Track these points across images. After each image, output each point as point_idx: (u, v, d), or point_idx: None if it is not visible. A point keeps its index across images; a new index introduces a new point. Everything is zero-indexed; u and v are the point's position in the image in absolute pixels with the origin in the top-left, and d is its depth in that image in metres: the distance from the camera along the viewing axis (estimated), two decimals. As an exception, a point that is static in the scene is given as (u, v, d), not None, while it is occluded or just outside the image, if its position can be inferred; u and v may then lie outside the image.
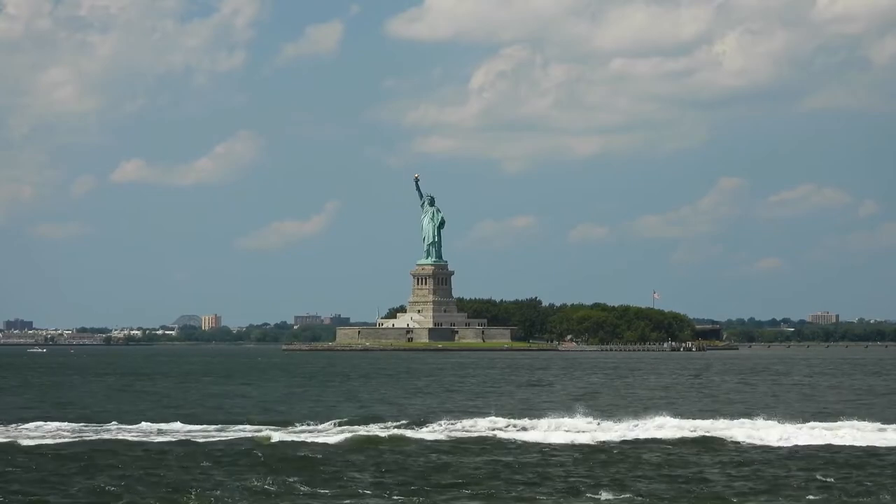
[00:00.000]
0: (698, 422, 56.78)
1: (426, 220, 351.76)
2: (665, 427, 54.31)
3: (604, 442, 50.64)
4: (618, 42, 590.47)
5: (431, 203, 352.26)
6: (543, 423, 56.03)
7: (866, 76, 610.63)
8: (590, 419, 56.94)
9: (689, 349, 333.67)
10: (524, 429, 55.00)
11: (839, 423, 54.33)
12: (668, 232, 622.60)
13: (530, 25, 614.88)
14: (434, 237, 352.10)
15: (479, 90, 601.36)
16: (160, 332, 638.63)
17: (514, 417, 59.28)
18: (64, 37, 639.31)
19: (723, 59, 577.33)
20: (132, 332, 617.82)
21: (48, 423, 59.71)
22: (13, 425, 58.73)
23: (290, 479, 40.26)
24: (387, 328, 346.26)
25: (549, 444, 50.23)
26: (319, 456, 46.60)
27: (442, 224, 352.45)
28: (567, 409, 64.88)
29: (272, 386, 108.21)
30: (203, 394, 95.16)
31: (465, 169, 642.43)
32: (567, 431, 53.56)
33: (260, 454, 46.91)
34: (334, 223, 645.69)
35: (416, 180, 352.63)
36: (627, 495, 37.58)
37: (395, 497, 37.52)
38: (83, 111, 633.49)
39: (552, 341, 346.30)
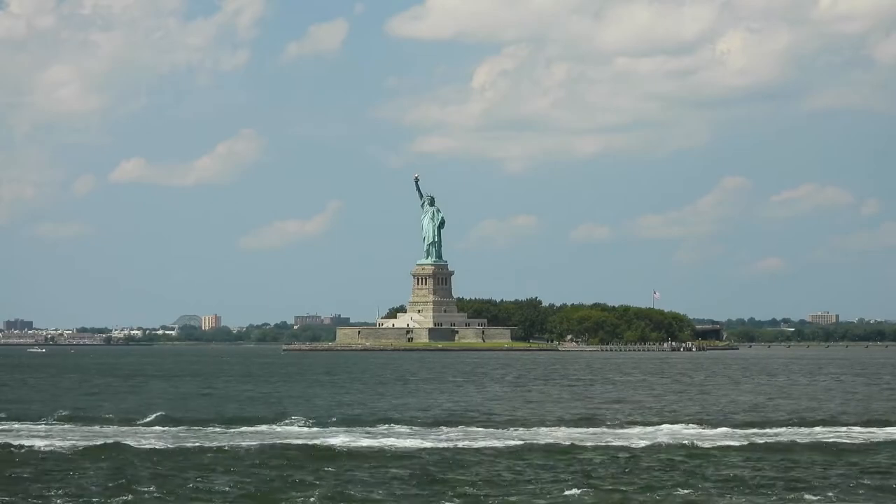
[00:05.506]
0: None
1: (426, 220, 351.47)
2: None
3: None
4: (620, 41, 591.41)
5: (431, 203, 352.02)
6: None
7: (869, 75, 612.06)
8: None
9: (689, 349, 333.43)
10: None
11: None
12: (668, 232, 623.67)
13: (532, 24, 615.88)
14: (434, 237, 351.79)
15: (481, 89, 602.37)
16: (160, 332, 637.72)
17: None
18: (67, 35, 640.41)
19: (726, 59, 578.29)
20: (132, 332, 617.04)
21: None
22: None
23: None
24: (387, 328, 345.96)
25: None
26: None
27: (442, 224, 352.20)
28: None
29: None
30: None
31: (466, 168, 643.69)
32: None
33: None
34: (335, 223, 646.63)
35: (416, 180, 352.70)
36: None
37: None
38: (85, 110, 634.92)
39: (552, 341, 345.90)
